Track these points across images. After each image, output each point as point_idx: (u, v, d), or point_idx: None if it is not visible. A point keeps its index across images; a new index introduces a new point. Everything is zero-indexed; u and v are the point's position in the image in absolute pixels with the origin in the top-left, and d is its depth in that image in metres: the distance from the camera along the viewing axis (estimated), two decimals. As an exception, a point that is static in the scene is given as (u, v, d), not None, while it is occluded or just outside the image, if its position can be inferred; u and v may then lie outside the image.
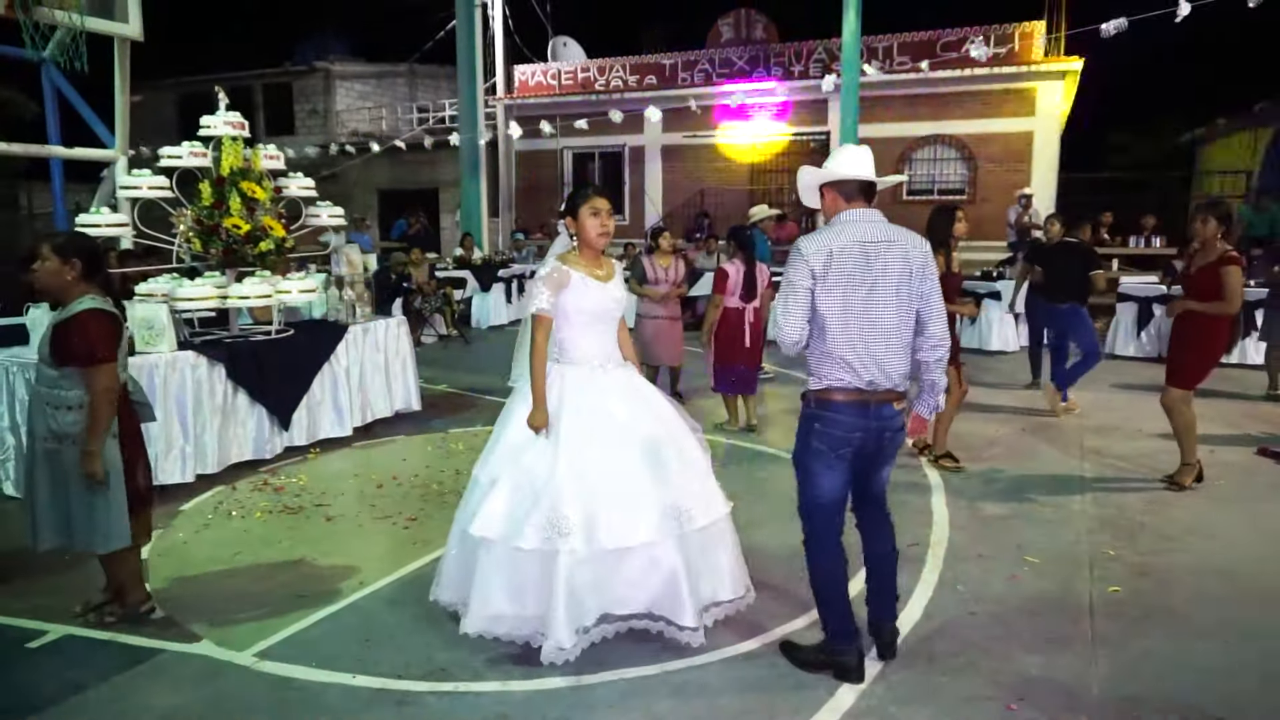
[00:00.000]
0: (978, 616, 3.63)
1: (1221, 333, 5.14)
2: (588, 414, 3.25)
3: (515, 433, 3.30)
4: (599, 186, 3.57)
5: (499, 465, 3.29)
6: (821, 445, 2.99)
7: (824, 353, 2.95)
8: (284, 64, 23.93)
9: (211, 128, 5.75)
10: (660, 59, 19.08)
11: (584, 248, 3.38)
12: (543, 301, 3.26)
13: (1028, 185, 15.83)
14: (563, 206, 3.47)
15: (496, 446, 3.36)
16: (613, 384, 3.39)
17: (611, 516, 3.12)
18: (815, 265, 2.90)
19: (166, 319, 5.20)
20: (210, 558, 4.30)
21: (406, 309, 10.47)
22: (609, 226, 3.39)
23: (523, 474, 3.21)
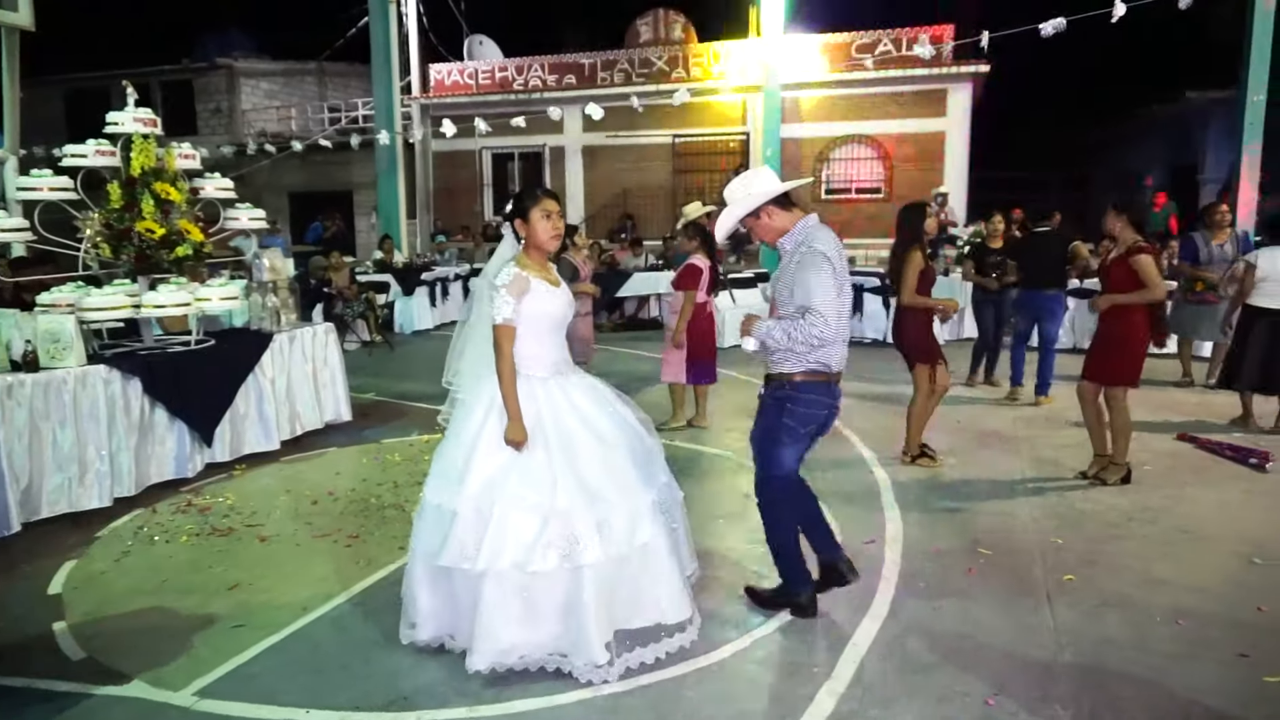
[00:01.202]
0: (942, 611, 3.64)
1: (1142, 325, 5.15)
2: (569, 420, 3.15)
3: (491, 454, 3.08)
4: (547, 188, 3.43)
5: (481, 491, 3.03)
6: (792, 422, 3.34)
7: (824, 341, 3.24)
8: (183, 60, 22.79)
9: (120, 124, 5.34)
10: (579, 58, 18.93)
11: (533, 251, 3.26)
12: (508, 311, 3.10)
13: (941, 184, 16.35)
14: (509, 209, 3.31)
15: (469, 473, 3.07)
16: (578, 388, 3.31)
17: (617, 519, 3.07)
18: (836, 264, 3.26)
19: (74, 331, 4.81)
20: (134, 588, 3.98)
21: (328, 315, 10.06)
22: (560, 228, 3.30)
23: (521, 495, 3.02)
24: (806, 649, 3.34)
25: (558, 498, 3.00)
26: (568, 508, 2.99)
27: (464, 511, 3.02)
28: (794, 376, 3.32)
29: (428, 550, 3.11)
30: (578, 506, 3.00)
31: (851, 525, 4.61)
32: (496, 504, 2.99)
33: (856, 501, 5.02)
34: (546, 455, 3.06)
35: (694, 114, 18.27)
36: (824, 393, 3.36)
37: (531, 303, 3.16)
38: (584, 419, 3.21)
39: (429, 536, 3.13)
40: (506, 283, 3.12)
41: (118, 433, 4.96)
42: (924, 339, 5.68)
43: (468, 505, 3.02)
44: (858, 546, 4.33)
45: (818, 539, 3.62)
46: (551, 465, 3.04)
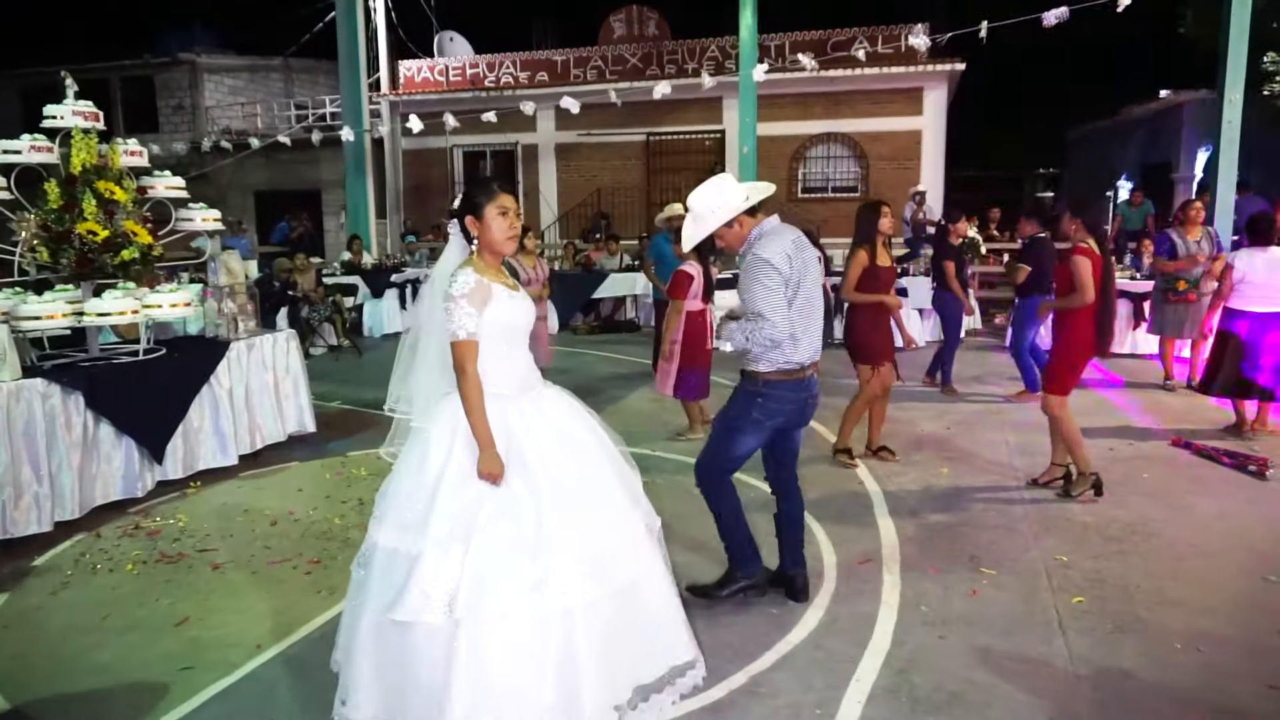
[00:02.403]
0: (948, 641, 3.40)
1: (1083, 330, 4.85)
2: (546, 440, 2.78)
3: (460, 488, 2.63)
4: (503, 181, 3.02)
5: (451, 530, 2.59)
6: (760, 415, 3.49)
7: (776, 342, 3.36)
8: (144, 55, 22.10)
9: (58, 119, 4.96)
10: (552, 55, 18.62)
11: (486, 253, 2.85)
12: (470, 324, 2.69)
13: (919, 182, 16.24)
14: (456, 204, 2.89)
15: (434, 511, 2.60)
16: (552, 404, 2.96)
17: (611, 549, 2.73)
18: (782, 268, 3.34)
19: (7, 341, 4.43)
20: (71, 625, 3.63)
21: (293, 319, 9.69)
22: (518, 228, 2.92)
23: (499, 531, 2.60)
24: (807, 687, 3.08)
25: (543, 531, 2.62)
26: (556, 541, 2.61)
27: (429, 554, 2.55)
28: (766, 374, 3.46)
29: (380, 604, 2.60)
30: (568, 540, 2.63)
31: (845, 542, 4.38)
32: (471, 542, 2.56)
33: (848, 516, 4.78)
34: (525, 483, 2.68)
35: (668, 112, 18.01)
36: (794, 388, 3.49)
37: (494, 312, 2.77)
38: (562, 437, 2.86)
39: (380, 588, 2.63)
40: (465, 291, 2.70)
41: (58, 451, 4.60)
42: (868, 337, 5.62)
43: (434, 547, 2.56)
44: (852, 567, 4.10)
45: (789, 550, 3.75)
46: (533, 494, 2.66)
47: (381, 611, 2.59)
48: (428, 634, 2.52)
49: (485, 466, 2.64)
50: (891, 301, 5.68)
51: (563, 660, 2.56)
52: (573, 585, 2.57)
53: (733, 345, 3.43)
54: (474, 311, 2.71)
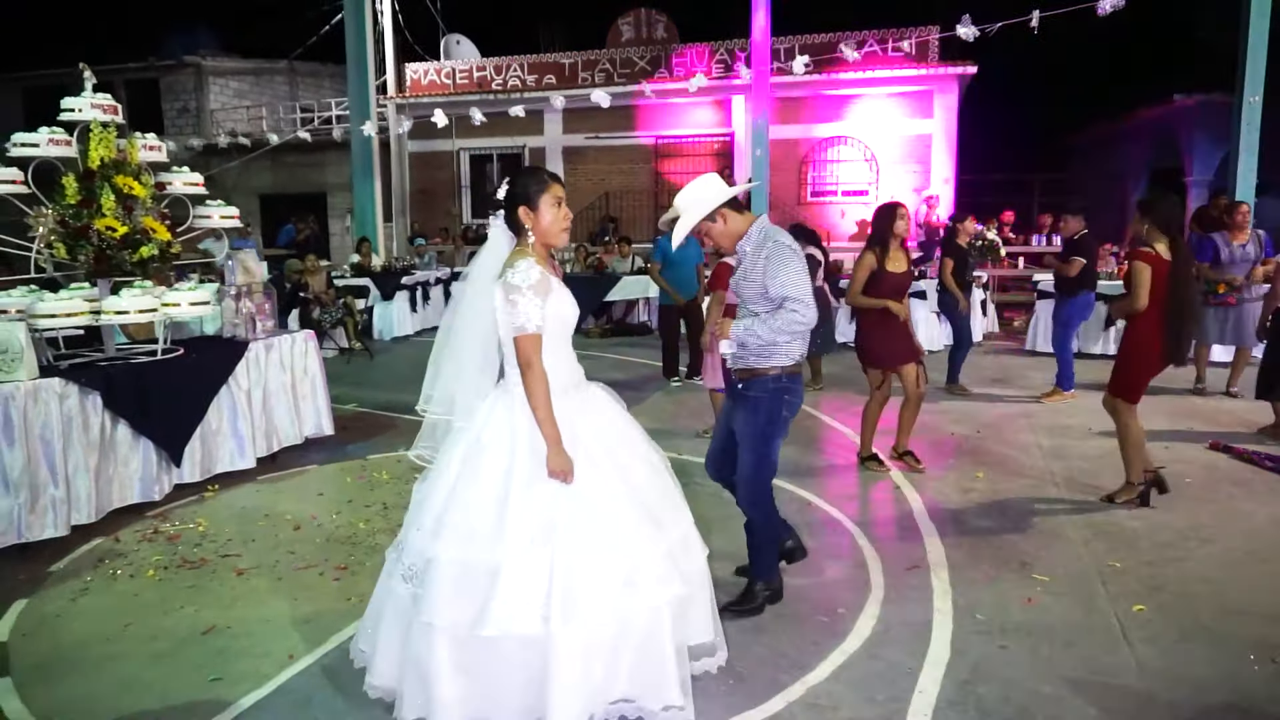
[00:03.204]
0: (1010, 650, 3.26)
1: (1147, 335, 4.65)
2: (608, 435, 2.70)
3: (531, 489, 2.52)
4: (553, 173, 2.90)
5: (532, 536, 2.47)
6: (788, 413, 3.42)
7: (807, 326, 3.30)
8: (149, 58, 22.00)
9: (77, 111, 4.83)
10: (559, 58, 18.52)
11: (539, 246, 2.74)
12: (538, 316, 2.57)
13: (928, 186, 16.15)
14: (501, 194, 2.75)
15: (508, 517, 2.48)
16: (602, 400, 2.85)
17: (679, 543, 2.70)
18: (800, 255, 3.33)
19: (25, 340, 4.30)
20: (93, 634, 3.49)
21: (304, 321, 9.55)
22: (570, 219, 2.83)
23: (583, 529, 2.51)
24: (868, 699, 2.94)
25: (623, 526, 2.53)
26: (638, 536, 2.53)
27: (511, 563, 2.44)
28: (789, 369, 3.39)
29: (456, 620, 2.46)
30: (648, 534, 2.56)
31: (889, 549, 4.24)
32: (554, 545, 2.46)
33: (889, 523, 4.65)
34: (597, 478, 2.57)
35: (676, 115, 17.95)
36: (799, 380, 3.48)
37: (554, 305, 2.67)
38: (620, 434, 2.79)
39: (451, 603, 2.48)
40: (532, 282, 2.58)
41: (75, 453, 4.46)
42: (876, 341, 5.48)
43: (515, 555, 2.45)
44: (900, 574, 3.96)
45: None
46: (607, 489, 2.56)
47: (465, 628, 2.45)
48: (521, 643, 2.43)
49: (556, 464, 2.53)
50: (897, 308, 5.40)
51: (651, 651, 2.54)
52: (661, 581, 2.52)
53: (754, 340, 3.28)
54: (540, 303, 2.59)
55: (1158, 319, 4.58)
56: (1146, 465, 4.87)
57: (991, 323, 11.62)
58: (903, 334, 5.48)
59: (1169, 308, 4.55)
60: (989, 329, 11.40)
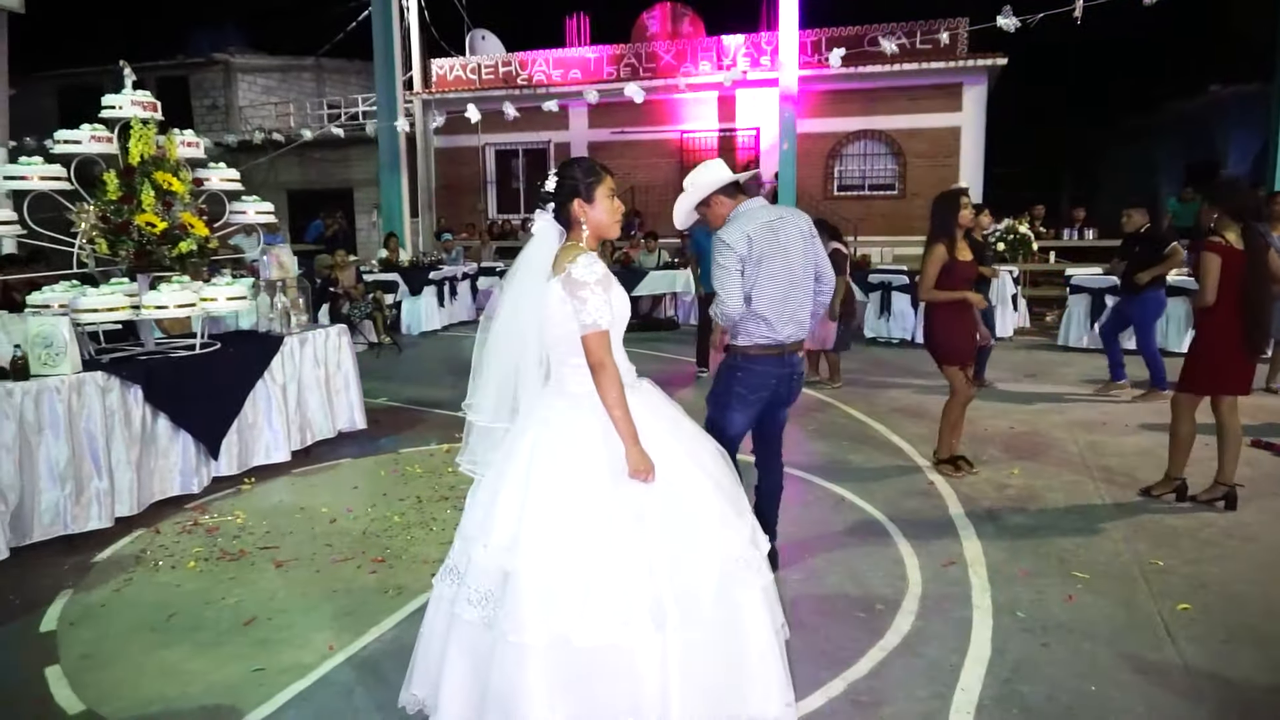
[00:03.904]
0: (1052, 649, 3.22)
1: (1218, 330, 4.46)
2: (681, 434, 2.63)
3: (613, 498, 2.39)
4: (603, 164, 2.76)
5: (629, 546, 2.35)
6: (742, 390, 3.63)
7: (750, 315, 3.55)
8: (179, 56, 22.26)
9: (117, 108, 4.89)
10: (584, 53, 18.51)
11: (593, 240, 2.63)
12: (607, 313, 2.47)
13: (957, 180, 15.97)
14: (551, 187, 2.60)
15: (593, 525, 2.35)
16: (657, 398, 2.74)
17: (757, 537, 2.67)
18: (740, 249, 3.51)
19: (68, 334, 4.36)
20: (138, 623, 3.54)
21: (334, 316, 9.63)
22: (623, 209, 2.77)
23: (678, 529, 2.42)
24: (910, 696, 2.92)
25: (712, 518, 2.47)
26: (727, 527, 2.49)
27: (603, 568, 2.33)
28: (744, 349, 3.63)
29: (553, 634, 2.28)
30: (733, 524, 2.52)
31: (925, 546, 4.21)
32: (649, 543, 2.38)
33: (924, 518, 4.61)
34: (678, 471, 2.49)
35: (702, 110, 17.89)
36: (774, 364, 3.62)
37: (615, 300, 2.56)
38: (683, 427, 2.71)
39: (545, 617, 2.31)
40: (599, 277, 2.46)
41: (118, 446, 4.52)
42: (950, 338, 5.27)
43: (607, 559, 2.33)
44: (937, 570, 3.93)
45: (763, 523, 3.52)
46: (691, 482, 2.50)
47: (561, 642, 2.28)
48: (625, 652, 2.30)
49: (637, 463, 2.41)
50: (975, 299, 5.28)
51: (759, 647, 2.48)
52: (756, 569, 2.50)
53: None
54: (608, 299, 2.48)
55: (1231, 311, 4.40)
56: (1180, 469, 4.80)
57: (1023, 318, 11.49)
58: (972, 327, 5.33)
59: (1246, 298, 4.36)
60: (1020, 324, 11.27)
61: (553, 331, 2.52)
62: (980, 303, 5.36)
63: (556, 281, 2.48)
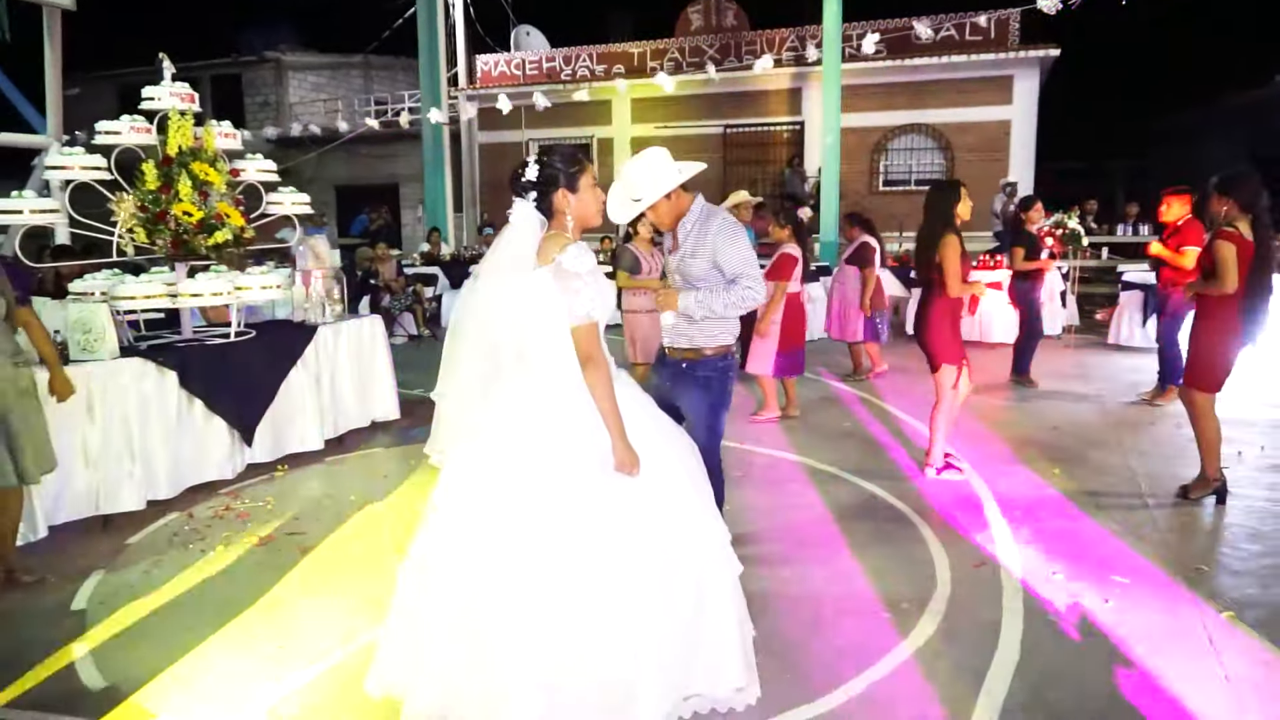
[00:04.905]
0: (1086, 654, 3.10)
1: (1226, 319, 4.44)
2: (661, 425, 2.65)
3: (602, 494, 2.39)
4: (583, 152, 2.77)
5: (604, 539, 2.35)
6: (730, 387, 3.48)
7: (759, 302, 3.41)
8: (233, 54, 22.77)
9: (156, 100, 4.99)
10: (628, 47, 18.48)
11: (578, 229, 2.60)
12: (600, 305, 2.46)
13: (1006, 174, 15.59)
14: (532, 176, 2.53)
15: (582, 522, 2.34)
16: (634, 387, 2.73)
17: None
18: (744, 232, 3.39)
19: (106, 321, 4.46)
20: (165, 605, 3.60)
21: (375, 308, 9.74)
22: (604, 200, 2.76)
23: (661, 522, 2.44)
24: (931, 698, 2.83)
25: (694, 509, 2.52)
26: (705, 517, 2.54)
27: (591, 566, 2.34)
28: (730, 347, 3.43)
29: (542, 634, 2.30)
30: (710, 513, 2.57)
31: (957, 546, 4.09)
32: (633, 539, 2.40)
33: (957, 518, 4.48)
34: (661, 463, 2.50)
35: (745, 104, 17.74)
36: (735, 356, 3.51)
37: (604, 294, 2.53)
38: (658, 417, 2.73)
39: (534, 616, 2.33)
40: (591, 268, 2.45)
41: (152, 430, 4.61)
42: (954, 336, 5.13)
43: (595, 556, 2.35)
44: (968, 570, 3.81)
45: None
46: (674, 474, 2.52)
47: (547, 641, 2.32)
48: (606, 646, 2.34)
49: (624, 457, 2.42)
50: (981, 289, 5.23)
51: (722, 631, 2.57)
52: (730, 556, 2.62)
53: (705, 312, 3.26)
54: (599, 290, 2.46)
55: (1234, 301, 4.42)
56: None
57: (1072, 315, 11.16)
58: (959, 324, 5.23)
59: (1248, 289, 4.39)
60: (1069, 322, 10.95)
61: (537, 322, 2.45)
62: (982, 291, 5.32)
63: (543, 271, 2.43)
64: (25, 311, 3.68)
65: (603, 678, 2.31)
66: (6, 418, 3.51)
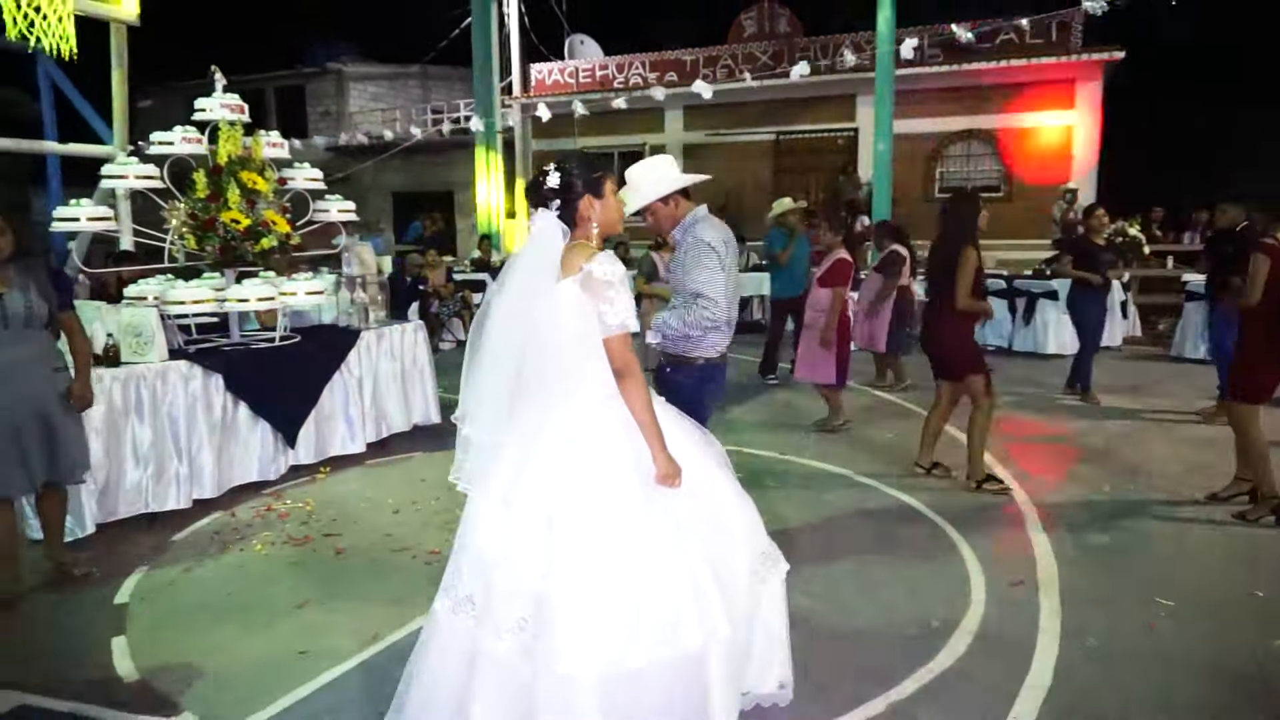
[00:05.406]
0: (1123, 680, 2.97)
1: (1267, 331, 4.36)
2: (699, 440, 2.63)
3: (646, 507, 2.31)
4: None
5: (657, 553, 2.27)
6: (709, 400, 3.47)
7: (716, 324, 3.31)
8: (296, 66, 23.45)
9: (207, 111, 5.16)
10: (681, 55, 18.49)
11: (602, 237, 2.53)
12: (634, 312, 2.40)
13: (1067, 181, 15.16)
14: (553, 183, 2.44)
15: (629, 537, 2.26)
16: (666, 402, 2.71)
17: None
18: (720, 252, 3.32)
19: (156, 325, 4.60)
20: (201, 602, 3.70)
21: (424, 314, 9.89)
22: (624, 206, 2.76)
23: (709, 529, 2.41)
24: None
25: (734, 512, 2.52)
26: (745, 519, 2.54)
27: (646, 581, 2.25)
28: (713, 359, 3.41)
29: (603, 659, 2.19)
30: (747, 515, 2.57)
31: (995, 562, 3.97)
32: (687, 550, 2.33)
33: (998, 533, 4.36)
34: (700, 471, 2.48)
35: (798, 111, 17.57)
36: (723, 371, 3.51)
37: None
38: (695, 432, 2.68)
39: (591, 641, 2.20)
40: (621, 276, 2.37)
41: (198, 431, 4.75)
42: (970, 346, 5.08)
43: (649, 572, 2.26)
44: (1004, 589, 3.70)
45: None
46: (712, 480, 2.51)
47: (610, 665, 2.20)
48: (672, 665, 2.24)
49: (666, 469, 2.36)
50: (988, 309, 5.28)
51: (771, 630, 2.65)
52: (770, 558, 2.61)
53: (669, 330, 3.32)
54: (631, 299, 2.40)
55: (1271, 312, 4.32)
56: (1249, 475, 4.52)
57: (1133, 326, 10.79)
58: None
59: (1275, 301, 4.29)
60: (1130, 333, 10.59)
61: (564, 334, 2.35)
62: (991, 312, 5.35)
63: (570, 282, 2.34)
64: (68, 317, 3.82)
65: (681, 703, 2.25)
66: (47, 420, 3.65)
